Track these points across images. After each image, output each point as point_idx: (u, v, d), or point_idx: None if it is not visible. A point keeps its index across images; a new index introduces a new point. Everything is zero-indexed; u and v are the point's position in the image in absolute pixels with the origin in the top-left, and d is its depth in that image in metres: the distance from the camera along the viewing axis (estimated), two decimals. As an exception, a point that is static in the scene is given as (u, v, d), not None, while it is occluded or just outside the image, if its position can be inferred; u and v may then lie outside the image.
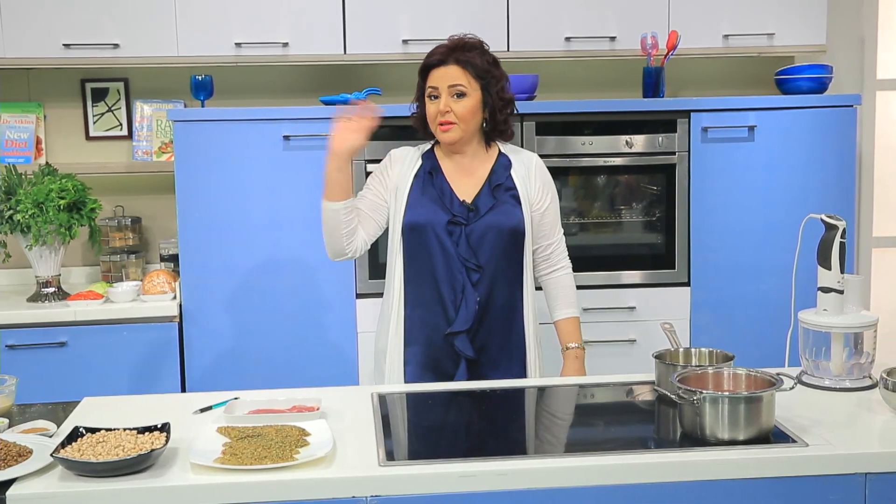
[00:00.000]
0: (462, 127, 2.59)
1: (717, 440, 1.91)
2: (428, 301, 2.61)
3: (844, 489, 1.85)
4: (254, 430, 1.98)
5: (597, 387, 2.45)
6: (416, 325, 2.62)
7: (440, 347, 2.60)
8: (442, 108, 2.58)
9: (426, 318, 2.61)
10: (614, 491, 1.83)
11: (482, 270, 2.59)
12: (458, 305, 2.59)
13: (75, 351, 3.44)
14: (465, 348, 2.58)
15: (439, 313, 2.60)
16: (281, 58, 3.70)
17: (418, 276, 2.62)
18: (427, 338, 2.61)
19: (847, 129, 3.66)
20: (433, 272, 2.59)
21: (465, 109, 2.58)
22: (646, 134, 3.64)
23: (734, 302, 3.69)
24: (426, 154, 2.70)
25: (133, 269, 3.83)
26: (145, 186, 3.99)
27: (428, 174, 2.65)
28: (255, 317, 3.55)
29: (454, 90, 2.57)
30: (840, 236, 2.26)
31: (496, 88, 2.62)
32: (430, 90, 2.61)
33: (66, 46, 3.59)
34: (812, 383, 2.27)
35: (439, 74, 2.60)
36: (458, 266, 2.58)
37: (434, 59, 2.62)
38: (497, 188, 2.63)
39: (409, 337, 2.62)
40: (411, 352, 2.61)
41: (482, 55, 2.62)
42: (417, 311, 2.62)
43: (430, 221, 2.59)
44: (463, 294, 2.59)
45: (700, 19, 3.79)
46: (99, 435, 1.90)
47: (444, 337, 2.59)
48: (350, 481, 1.80)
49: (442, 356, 2.60)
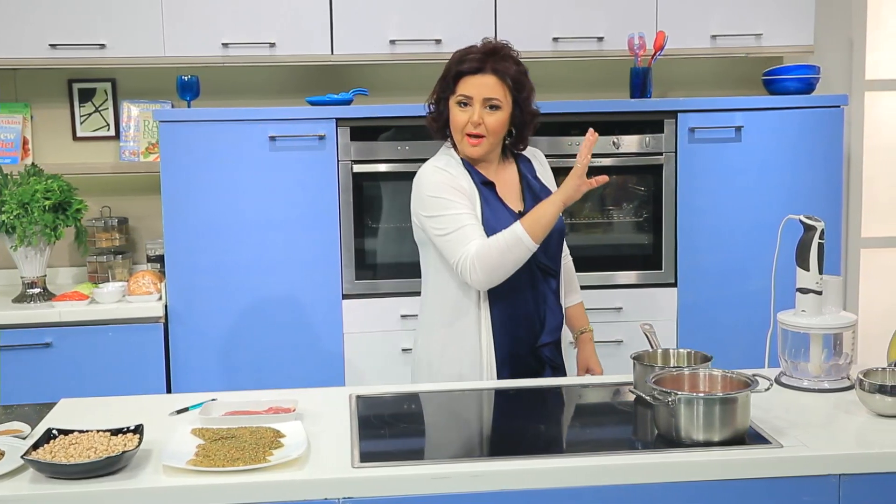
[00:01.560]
0: (491, 141, 2.51)
1: (693, 442, 1.90)
2: (517, 317, 2.53)
3: (818, 490, 1.84)
4: (228, 431, 1.97)
5: (576, 388, 2.45)
6: (505, 344, 2.52)
7: (525, 361, 2.55)
8: (476, 120, 2.47)
9: (515, 334, 2.53)
10: (588, 492, 1.82)
11: (557, 276, 2.58)
12: (543, 316, 2.55)
13: (60, 352, 3.44)
14: (555, 356, 2.57)
15: (525, 327, 2.54)
16: (268, 58, 3.69)
17: (506, 293, 2.50)
18: (515, 353, 2.53)
19: (834, 129, 3.65)
20: (518, 286, 2.50)
21: (498, 123, 2.50)
22: (633, 134, 3.64)
23: (721, 303, 3.68)
24: (466, 164, 2.56)
25: (120, 270, 3.82)
26: (132, 187, 3.98)
27: (484, 186, 2.54)
28: (240, 317, 3.55)
29: (489, 102, 2.48)
30: (818, 237, 2.26)
31: (528, 102, 2.55)
32: (461, 98, 2.49)
33: (52, 47, 3.58)
34: (791, 384, 2.27)
35: (475, 83, 2.48)
36: (540, 276, 2.54)
37: (469, 67, 2.49)
38: (538, 192, 2.59)
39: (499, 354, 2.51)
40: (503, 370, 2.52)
41: (517, 64, 2.54)
42: (506, 329, 2.52)
43: None
44: (546, 304, 2.55)
45: (688, 19, 3.78)
46: (72, 437, 1.90)
47: (532, 349, 2.54)
48: (322, 483, 1.79)
49: (528, 369, 2.55)
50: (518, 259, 2.39)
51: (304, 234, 3.54)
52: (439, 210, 2.46)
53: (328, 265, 3.57)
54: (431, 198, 2.48)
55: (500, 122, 2.50)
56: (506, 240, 2.38)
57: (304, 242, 3.54)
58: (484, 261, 2.38)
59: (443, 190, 2.48)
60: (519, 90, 2.52)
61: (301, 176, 3.53)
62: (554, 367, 2.59)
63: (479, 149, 2.51)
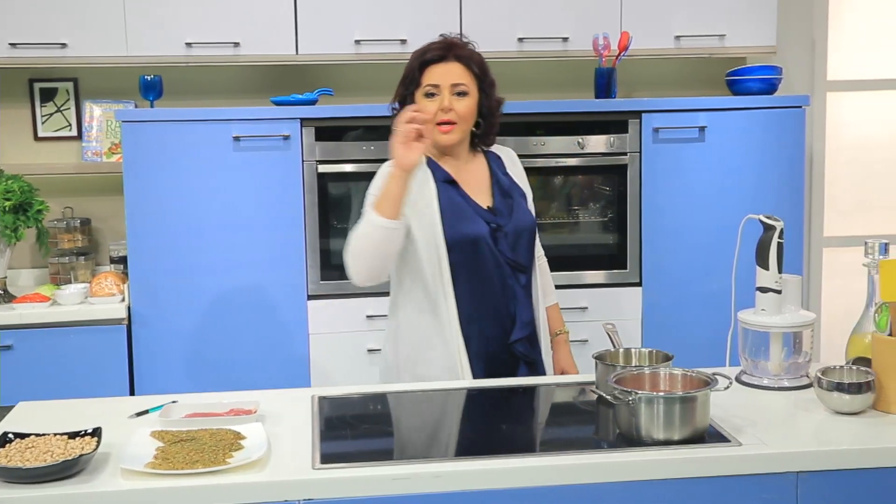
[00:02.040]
0: (462, 127, 2.52)
1: (653, 440, 1.91)
2: (485, 314, 2.52)
3: (776, 488, 1.85)
4: (188, 433, 1.96)
5: (539, 387, 2.45)
6: (476, 341, 2.51)
7: (500, 358, 2.54)
8: (446, 106, 2.48)
9: (485, 331, 2.52)
10: (549, 492, 1.82)
11: (526, 272, 2.58)
12: (513, 312, 2.54)
13: (21, 354, 3.40)
14: (528, 351, 2.56)
15: (497, 325, 2.53)
16: (232, 58, 3.67)
17: (472, 290, 2.50)
18: (487, 352, 2.52)
19: (796, 129, 3.69)
20: (486, 283, 2.50)
21: (467, 109, 2.51)
22: (598, 134, 3.65)
23: (685, 302, 3.71)
24: (429, 163, 2.55)
25: (83, 271, 3.79)
26: (95, 187, 3.95)
27: (446, 184, 2.53)
28: (204, 319, 3.53)
29: (457, 88, 2.49)
30: (778, 237, 2.28)
31: (492, 89, 2.58)
32: (429, 88, 2.50)
33: (12, 46, 3.55)
34: (751, 382, 2.28)
35: (441, 71, 2.50)
36: (508, 272, 2.53)
37: (434, 55, 2.52)
38: (508, 188, 2.60)
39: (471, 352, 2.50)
40: (476, 368, 2.51)
41: (477, 55, 2.58)
42: (475, 326, 2.51)
43: (478, 232, 2.49)
44: (516, 299, 2.54)
45: (652, 20, 3.80)
46: (28, 440, 1.88)
47: (506, 346, 2.54)
48: (282, 484, 1.78)
49: (503, 366, 2.54)
50: (379, 240, 2.34)
51: (269, 234, 3.53)
52: (364, 206, 2.45)
53: (293, 266, 3.55)
54: (368, 193, 2.51)
55: (469, 107, 2.52)
56: (362, 225, 2.36)
57: (268, 243, 3.53)
58: (350, 251, 2.37)
59: (376, 186, 2.48)
60: (483, 77, 2.55)
61: (265, 176, 3.51)
62: (529, 363, 2.58)
63: (451, 136, 2.51)
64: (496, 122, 2.64)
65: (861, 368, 2.09)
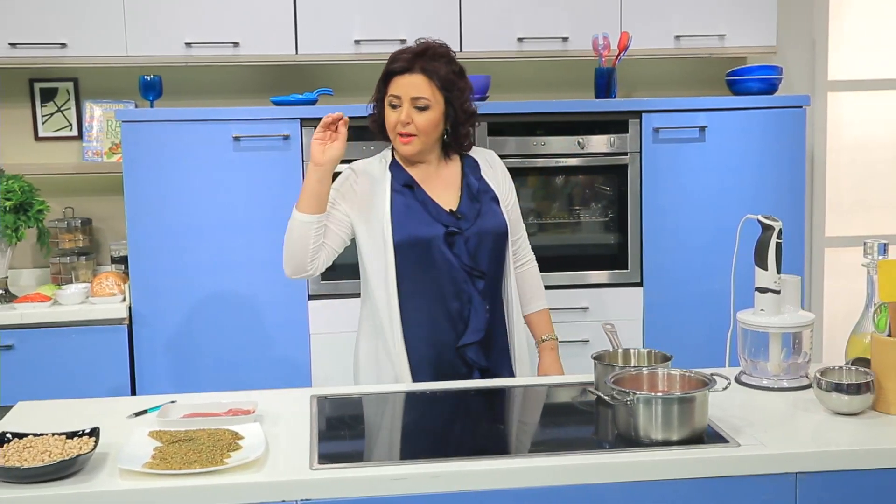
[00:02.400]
0: (422, 140, 2.51)
1: (651, 441, 1.91)
2: (434, 317, 2.52)
3: (775, 489, 1.85)
4: (186, 434, 1.96)
5: (539, 388, 2.45)
6: (424, 343, 2.51)
7: (450, 363, 2.53)
8: (403, 119, 2.48)
9: (433, 335, 2.52)
10: (548, 493, 1.82)
11: (485, 277, 2.55)
12: (467, 317, 2.53)
13: (22, 354, 3.40)
14: (479, 358, 2.54)
15: (447, 329, 2.52)
16: (232, 58, 3.67)
17: (420, 293, 2.51)
18: (437, 355, 2.52)
19: (797, 129, 3.69)
20: (438, 287, 2.50)
21: (428, 122, 2.49)
22: (598, 134, 3.65)
23: (686, 302, 3.70)
24: (393, 165, 2.58)
25: (84, 271, 3.79)
26: (96, 187, 3.95)
27: (405, 188, 2.54)
28: (205, 319, 3.53)
29: (417, 102, 2.47)
30: (776, 237, 2.27)
31: (460, 101, 2.54)
32: (391, 98, 2.50)
33: (12, 46, 3.55)
34: (750, 383, 2.28)
35: (403, 83, 2.49)
36: (464, 276, 2.51)
37: (398, 66, 2.49)
38: (477, 192, 2.59)
39: (415, 357, 2.51)
40: (422, 373, 2.51)
41: (448, 64, 2.52)
42: (422, 330, 2.51)
43: (429, 235, 2.49)
44: (471, 304, 2.52)
45: (652, 20, 3.80)
46: (26, 440, 1.88)
47: (456, 350, 2.52)
48: (280, 485, 1.78)
49: (453, 371, 2.53)
50: (297, 234, 2.44)
51: (269, 234, 3.49)
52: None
53: (293, 266, 3.54)
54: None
55: (430, 121, 2.50)
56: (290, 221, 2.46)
57: (269, 243, 3.50)
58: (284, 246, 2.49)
59: (333, 189, 2.52)
60: (448, 90, 2.51)
61: (265, 176, 3.51)
62: (482, 371, 2.55)
63: (410, 147, 2.52)
64: (467, 132, 2.61)
65: (860, 369, 2.09)
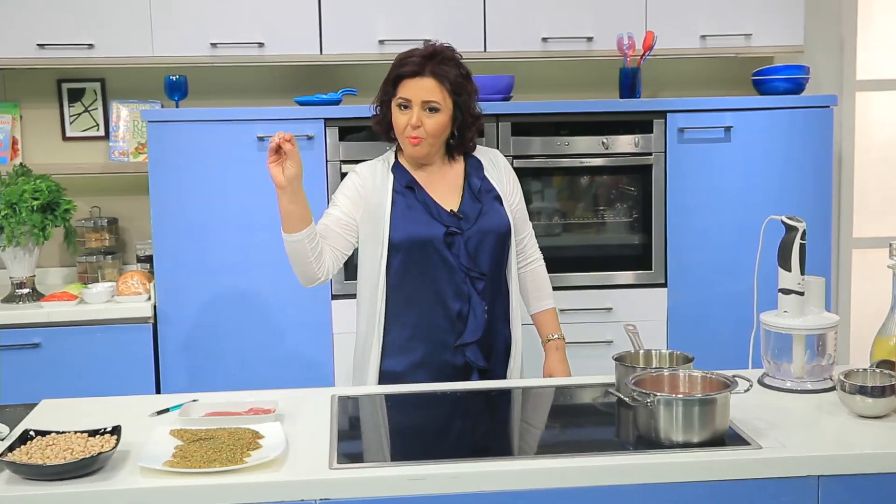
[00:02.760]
0: (430, 142, 2.52)
1: (672, 443, 1.90)
2: (432, 318, 2.53)
3: (797, 492, 1.84)
4: (207, 432, 1.97)
5: (560, 388, 2.44)
6: (421, 343, 2.53)
7: (449, 363, 2.54)
8: (414, 123, 2.49)
9: (432, 335, 2.53)
10: (567, 494, 1.82)
11: (485, 278, 2.56)
12: (466, 317, 2.53)
13: (49, 352, 3.43)
14: (478, 359, 2.54)
15: (446, 328, 2.53)
16: (256, 58, 3.69)
17: (419, 292, 2.53)
18: (434, 355, 2.53)
19: (824, 129, 3.65)
20: (436, 287, 2.52)
21: (437, 125, 2.50)
22: (622, 135, 3.63)
23: (711, 303, 3.68)
24: (395, 167, 2.60)
25: (110, 270, 3.82)
26: (122, 187, 3.98)
27: (407, 189, 2.56)
28: (229, 318, 3.55)
29: (428, 104, 2.49)
30: (800, 238, 2.25)
31: (468, 104, 2.56)
32: (401, 100, 2.51)
33: (40, 47, 3.58)
34: (773, 385, 2.26)
35: (413, 86, 2.49)
36: (462, 277, 2.53)
37: (408, 70, 2.50)
38: (479, 192, 2.59)
39: (414, 356, 2.53)
40: (420, 372, 2.53)
41: (457, 67, 2.54)
42: (420, 329, 2.53)
43: (428, 236, 2.50)
44: (470, 304, 2.53)
45: (677, 20, 3.78)
46: (49, 438, 1.90)
47: (454, 350, 2.53)
48: (299, 484, 1.79)
49: (452, 371, 2.54)
50: (292, 252, 2.46)
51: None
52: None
53: (317, 265, 3.55)
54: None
55: (440, 124, 2.51)
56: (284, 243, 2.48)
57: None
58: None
59: (339, 192, 2.60)
60: (458, 93, 2.52)
61: (290, 176, 3.51)
62: (481, 371, 2.55)
63: (420, 149, 2.53)
64: (473, 135, 2.63)
65: (885, 371, 2.07)
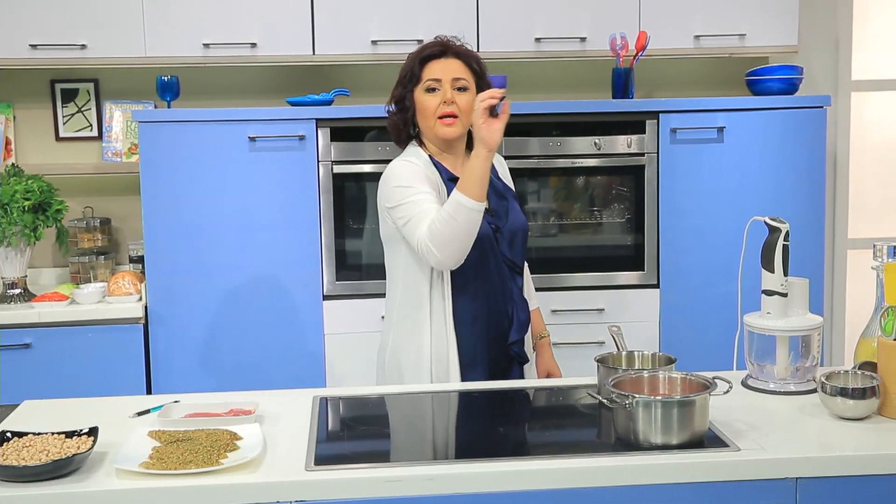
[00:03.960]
0: (463, 121, 2.51)
1: (651, 444, 1.89)
2: (488, 315, 2.52)
3: (775, 494, 1.82)
4: (185, 434, 1.96)
5: (541, 390, 2.43)
6: (477, 343, 2.51)
7: (498, 360, 2.55)
8: (449, 98, 2.49)
9: (488, 333, 2.52)
10: (544, 496, 1.81)
11: (522, 274, 2.58)
12: (512, 313, 2.54)
13: (39, 353, 3.44)
14: (523, 352, 2.57)
15: (498, 326, 2.53)
16: (249, 58, 3.69)
17: (476, 291, 2.50)
18: (488, 353, 2.53)
19: (817, 130, 3.64)
20: (489, 284, 2.51)
21: (468, 103, 2.49)
22: (615, 135, 3.62)
23: (703, 304, 3.66)
24: (433, 162, 2.55)
25: (102, 271, 3.82)
26: (115, 187, 3.98)
27: (451, 182, 2.50)
28: (221, 319, 3.54)
29: (458, 83, 2.51)
30: (783, 239, 2.24)
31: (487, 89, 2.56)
32: (430, 82, 2.51)
33: (32, 47, 3.58)
34: (757, 387, 2.25)
35: (442, 66, 2.52)
36: (507, 273, 2.54)
37: (433, 51, 2.54)
38: (503, 190, 2.60)
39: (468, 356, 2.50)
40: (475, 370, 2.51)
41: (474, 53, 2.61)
42: (478, 326, 2.51)
43: (483, 232, 2.41)
44: (513, 300, 2.54)
45: (671, 20, 3.76)
46: (26, 439, 1.89)
47: (507, 346, 2.54)
48: (274, 486, 1.78)
49: (501, 368, 2.55)
50: (468, 224, 2.29)
51: (285, 234, 3.54)
52: (402, 199, 2.43)
53: (309, 266, 3.56)
54: (396, 188, 2.46)
55: (470, 102, 2.48)
56: (448, 209, 2.30)
57: (284, 243, 3.54)
58: (435, 237, 2.31)
59: (407, 179, 2.45)
60: (480, 76, 2.57)
61: (281, 176, 3.52)
62: (521, 363, 2.60)
63: (454, 129, 2.51)
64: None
65: (866, 373, 2.05)
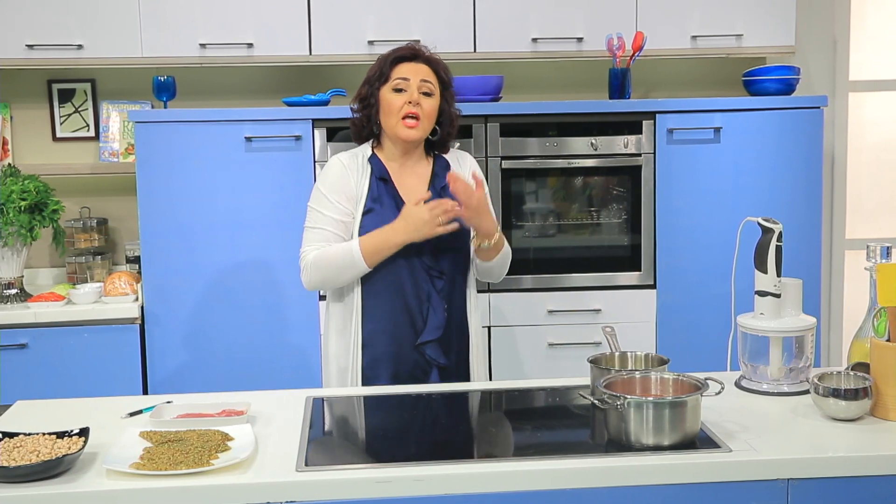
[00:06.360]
0: (425, 126, 2.56)
1: (642, 445, 1.88)
2: (394, 314, 2.54)
3: (766, 495, 1.82)
4: (176, 434, 1.96)
5: (535, 391, 2.42)
6: (382, 339, 2.54)
7: (409, 360, 2.55)
8: (415, 99, 2.53)
9: (394, 331, 2.54)
10: (535, 497, 1.81)
11: (444, 277, 2.57)
12: (426, 315, 2.55)
13: (36, 353, 3.44)
14: (438, 356, 2.55)
15: (407, 324, 2.54)
16: (246, 59, 3.69)
17: (382, 289, 2.54)
18: (395, 353, 2.54)
19: (814, 130, 3.63)
20: (399, 284, 2.53)
21: (432, 108, 2.57)
22: (612, 135, 3.62)
23: (700, 304, 3.66)
24: (372, 159, 2.62)
25: (99, 271, 3.82)
26: (112, 188, 3.98)
27: (380, 181, 2.58)
28: (217, 319, 3.54)
29: (424, 86, 2.56)
30: (776, 240, 2.24)
31: (450, 102, 2.65)
32: (399, 81, 2.56)
33: (29, 47, 3.58)
34: (750, 388, 2.24)
35: (411, 68, 2.58)
36: (424, 276, 2.55)
37: (405, 53, 2.60)
38: (443, 190, 2.59)
39: (374, 353, 2.55)
40: (381, 369, 2.54)
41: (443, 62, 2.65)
42: (382, 325, 2.55)
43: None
44: (429, 303, 2.55)
45: (668, 20, 3.76)
46: (17, 440, 1.89)
47: (414, 348, 2.54)
48: (265, 486, 1.78)
49: (412, 369, 2.55)
50: (349, 275, 2.52)
51: (281, 234, 3.53)
52: (315, 204, 2.60)
53: (305, 266, 3.55)
54: (317, 189, 2.61)
55: (433, 107, 2.58)
56: (342, 257, 2.50)
57: (280, 243, 3.53)
58: (319, 267, 2.53)
59: (328, 188, 2.58)
60: (446, 86, 2.62)
61: (277, 177, 3.52)
62: (441, 369, 2.57)
63: (415, 131, 2.55)
64: (453, 132, 2.68)
65: (859, 374, 2.05)
